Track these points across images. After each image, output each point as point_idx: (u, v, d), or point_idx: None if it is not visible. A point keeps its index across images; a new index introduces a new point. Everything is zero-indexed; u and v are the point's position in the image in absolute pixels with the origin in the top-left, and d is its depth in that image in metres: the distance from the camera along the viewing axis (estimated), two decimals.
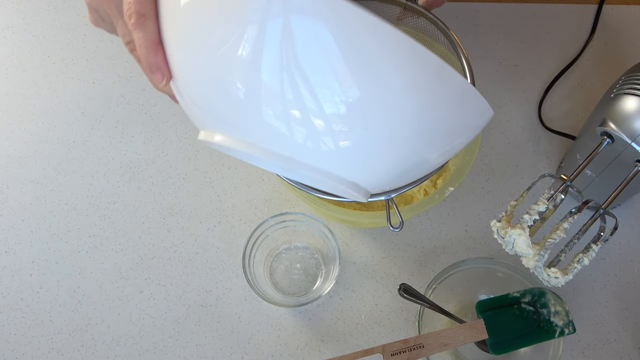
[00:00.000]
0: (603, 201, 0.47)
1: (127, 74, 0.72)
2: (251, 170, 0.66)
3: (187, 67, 0.33)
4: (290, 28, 0.28)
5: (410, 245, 0.63)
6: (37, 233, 0.64)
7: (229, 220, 0.64)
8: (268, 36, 0.28)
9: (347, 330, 0.60)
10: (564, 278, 0.46)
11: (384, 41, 0.28)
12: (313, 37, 0.28)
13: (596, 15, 0.72)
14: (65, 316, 0.61)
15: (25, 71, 0.72)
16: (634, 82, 0.48)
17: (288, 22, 0.28)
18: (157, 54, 0.34)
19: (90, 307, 0.61)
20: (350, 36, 0.28)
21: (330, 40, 0.28)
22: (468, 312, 0.59)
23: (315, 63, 0.29)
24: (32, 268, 0.63)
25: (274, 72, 0.29)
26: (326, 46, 0.28)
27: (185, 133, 0.68)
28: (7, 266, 0.63)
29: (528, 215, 0.45)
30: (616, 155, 0.50)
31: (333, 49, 0.28)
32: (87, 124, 0.69)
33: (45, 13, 0.75)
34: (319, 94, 0.30)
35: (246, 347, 0.59)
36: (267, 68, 0.29)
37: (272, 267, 0.63)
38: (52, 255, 0.64)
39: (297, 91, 0.30)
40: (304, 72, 0.29)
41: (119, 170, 0.67)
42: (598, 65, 0.70)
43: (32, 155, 0.68)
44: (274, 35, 0.28)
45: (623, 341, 0.58)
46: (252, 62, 0.29)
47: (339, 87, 0.29)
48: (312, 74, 0.29)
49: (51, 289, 0.62)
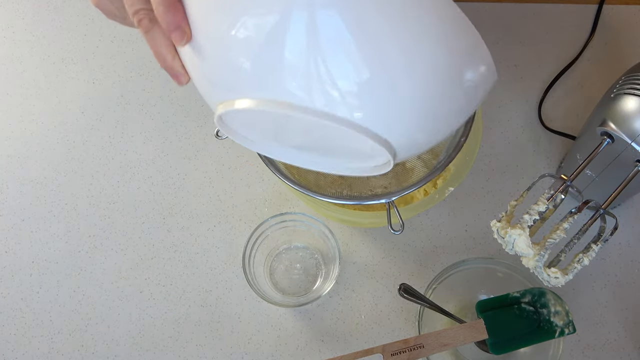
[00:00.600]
0: (603, 201, 0.47)
1: (127, 74, 0.72)
2: (251, 170, 0.66)
3: (210, 22, 0.32)
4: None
5: (410, 245, 0.63)
6: (37, 233, 0.64)
7: (229, 220, 0.64)
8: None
9: (347, 330, 0.60)
10: (564, 278, 0.46)
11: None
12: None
13: (596, 15, 0.72)
14: (65, 316, 0.61)
15: (25, 71, 0.72)
16: (634, 82, 0.48)
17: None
18: (177, 11, 0.32)
19: (90, 307, 0.61)
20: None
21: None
22: (468, 312, 0.59)
23: (349, 7, 0.28)
24: (32, 268, 0.63)
25: (302, 16, 0.28)
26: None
27: (185, 133, 0.68)
28: (7, 266, 0.63)
29: (528, 215, 0.45)
30: (616, 155, 0.50)
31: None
32: (87, 124, 0.69)
33: (45, 13, 0.75)
34: (352, 39, 0.29)
35: (246, 347, 0.59)
36: (297, 12, 0.28)
37: (272, 267, 0.63)
38: (52, 255, 0.64)
39: (330, 36, 0.28)
40: (338, 13, 0.28)
41: (119, 170, 0.67)
42: (598, 65, 0.70)
43: (32, 155, 0.68)
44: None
45: (623, 341, 0.58)
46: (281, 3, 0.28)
47: (371, 34, 0.29)
48: (345, 17, 0.28)
49: (51, 289, 0.62)
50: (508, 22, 0.73)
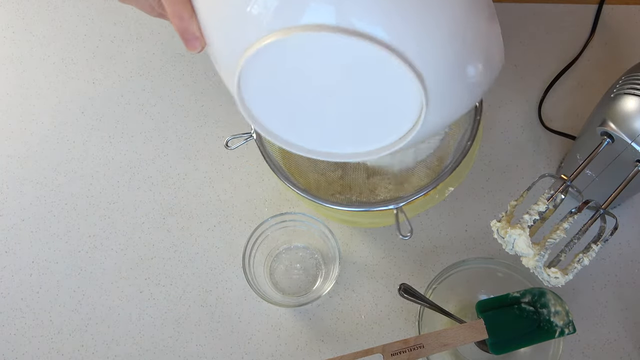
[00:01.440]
0: (603, 201, 0.47)
1: (127, 74, 0.72)
2: (251, 170, 0.66)
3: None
4: None
5: (410, 245, 0.63)
6: (37, 233, 0.64)
7: (229, 220, 0.64)
8: None
9: (347, 330, 0.60)
10: (564, 278, 0.46)
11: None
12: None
13: (596, 15, 0.72)
14: (65, 316, 0.61)
15: (25, 71, 0.72)
16: (634, 82, 0.48)
17: None
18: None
19: (90, 307, 0.61)
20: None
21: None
22: (468, 312, 0.59)
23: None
24: (32, 268, 0.63)
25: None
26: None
27: (185, 133, 0.68)
28: (7, 266, 0.63)
29: (528, 215, 0.45)
30: (616, 155, 0.50)
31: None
32: (87, 124, 0.69)
33: (45, 13, 0.75)
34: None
35: (246, 347, 0.59)
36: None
37: (272, 267, 0.63)
38: (52, 255, 0.64)
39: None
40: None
41: (119, 170, 0.67)
42: (598, 65, 0.70)
43: (32, 155, 0.68)
44: None
45: (623, 341, 0.58)
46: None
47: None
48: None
49: (51, 289, 0.62)
50: (508, 22, 0.72)
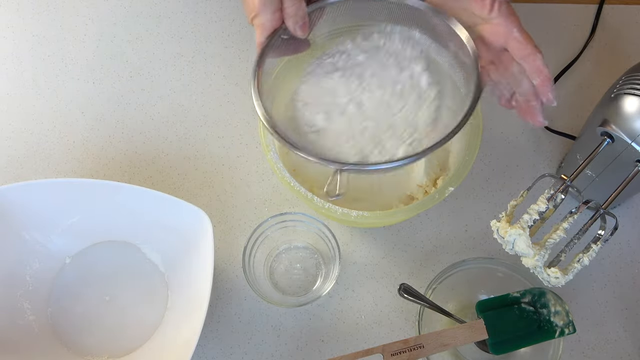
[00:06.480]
0: (603, 201, 0.47)
1: (127, 74, 0.72)
2: (251, 170, 0.66)
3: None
4: None
5: (410, 245, 0.63)
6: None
7: (229, 220, 0.64)
8: None
9: (347, 330, 0.60)
10: (564, 278, 0.46)
11: None
12: None
13: (596, 15, 0.72)
14: None
15: (25, 71, 0.72)
16: (634, 82, 0.48)
17: None
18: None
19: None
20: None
21: None
22: (468, 312, 0.59)
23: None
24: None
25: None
26: None
27: (185, 133, 0.68)
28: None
29: (528, 215, 0.46)
30: (616, 155, 0.50)
31: None
32: (87, 124, 0.69)
33: (45, 13, 0.75)
34: None
35: (246, 347, 0.59)
36: None
37: (272, 267, 0.63)
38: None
39: None
40: None
41: (119, 170, 0.67)
42: (598, 65, 0.70)
43: (32, 155, 0.68)
44: None
45: (623, 341, 0.58)
46: None
47: None
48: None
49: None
50: None
